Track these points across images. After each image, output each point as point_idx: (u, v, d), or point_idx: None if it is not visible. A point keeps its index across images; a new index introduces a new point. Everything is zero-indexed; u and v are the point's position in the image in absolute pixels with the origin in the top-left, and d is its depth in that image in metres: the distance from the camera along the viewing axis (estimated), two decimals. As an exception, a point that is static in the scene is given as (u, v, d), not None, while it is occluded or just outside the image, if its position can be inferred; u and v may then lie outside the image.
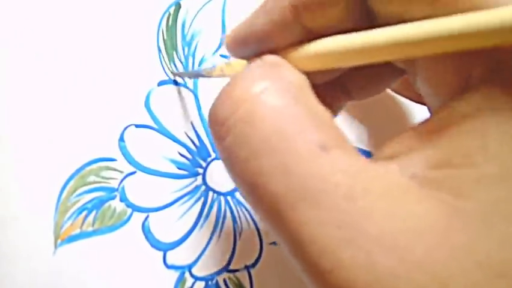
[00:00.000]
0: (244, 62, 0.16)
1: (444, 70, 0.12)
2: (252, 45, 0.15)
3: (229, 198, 0.24)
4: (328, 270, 0.10)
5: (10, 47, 0.22)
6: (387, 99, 0.27)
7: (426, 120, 0.12)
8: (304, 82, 0.13)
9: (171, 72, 0.23)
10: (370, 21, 0.14)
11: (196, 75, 0.21)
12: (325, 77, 0.17)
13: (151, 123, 0.23)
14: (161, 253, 0.23)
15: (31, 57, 0.22)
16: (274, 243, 0.24)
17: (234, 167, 0.12)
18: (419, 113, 0.26)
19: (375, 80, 0.19)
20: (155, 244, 0.23)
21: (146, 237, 0.23)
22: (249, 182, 0.12)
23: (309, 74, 0.14)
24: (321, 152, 0.11)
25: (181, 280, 0.24)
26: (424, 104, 0.20)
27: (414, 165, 0.11)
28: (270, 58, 0.14)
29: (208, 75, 0.19)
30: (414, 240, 0.10)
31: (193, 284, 0.24)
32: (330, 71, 0.15)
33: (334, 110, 0.20)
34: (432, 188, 0.11)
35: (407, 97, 0.21)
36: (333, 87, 0.19)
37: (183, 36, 0.23)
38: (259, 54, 0.14)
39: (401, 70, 0.17)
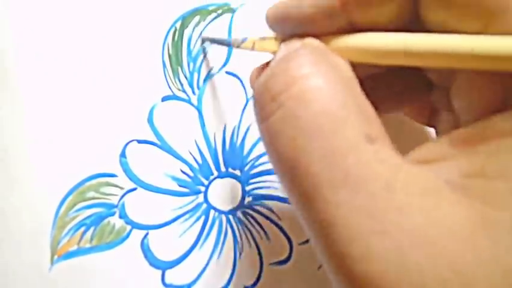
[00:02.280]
0: (277, 41, 0.16)
1: (484, 86, 0.13)
2: (293, 25, 0.15)
3: (230, 217, 0.24)
4: (356, 258, 0.10)
5: (10, 63, 0.22)
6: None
7: (460, 131, 0.13)
8: (351, 72, 0.13)
9: (202, 37, 0.23)
10: (415, 25, 0.14)
11: (226, 43, 0.21)
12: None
13: (154, 139, 0.23)
14: (160, 272, 0.23)
15: (34, 71, 0.22)
16: (274, 263, 0.24)
17: (278, 144, 0.12)
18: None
19: (400, 93, 0.18)
20: (154, 262, 0.23)
21: (145, 255, 0.23)
22: (292, 160, 0.12)
23: None
24: (367, 142, 0.11)
25: (179, 300, 0.23)
26: (432, 127, 0.20)
27: (448, 172, 0.12)
28: (314, 43, 0.14)
29: (237, 46, 0.19)
30: (445, 240, 0.10)
31: (191, 304, 0.23)
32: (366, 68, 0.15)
33: None
34: (465, 195, 0.11)
35: (415, 119, 0.21)
36: None
37: (189, 52, 0.23)
38: (299, 35, 0.14)
39: (427, 88, 0.17)
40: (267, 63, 0.18)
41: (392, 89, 0.18)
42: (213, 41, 0.23)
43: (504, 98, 0.12)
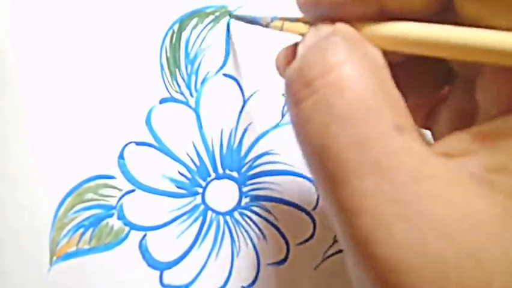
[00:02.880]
0: (306, 25, 0.16)
1: (509, 81, 0.13)
2: (323, 8, 0.15)
3: (228, 218, 0.24)
4: (379, 242, 0.11)
5: (10, 65, 0.22)
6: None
7: (482, 127, 0.13)
8: (383, 61, 0.13)
9: (231, 16, 0.23)
10: (448, 16, 0.14)
11: (254, 21, 0.21)
12: None
13: (152, 141, 0.23)
14: (158, 272, 0.23)
15: (33, 74, 0.22)
16: (271, 264, 0.24)
17: (309, 129, 0.12)
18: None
19: (422, 80, 0.19)
20: (152, 263, 0.23)
21: (143, 256, 0.23)
22: (322, 146, 0.12)
23: None
24: (397, 132, 0.12)
25: (177, 300, 0.23)
26: (428, 129, 0.20)
27: (473, 166, 0.12)
28: (347, 29, 0.14)
29: (265, 25, 0.19)
30: (469, 232, 0.10)
31: (189, 304, 0.24)
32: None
33: None
34: (490, 188, 0.11)
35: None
36: None
37: (186, 54, 0.23)
38: (329, 19, 0.15)
39: (444, 79, 0.17)
40: (294, 46, 0.17)
41: (409, 77, 0.18)
42: (241, 18, 0.22)
43: None
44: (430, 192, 0.11)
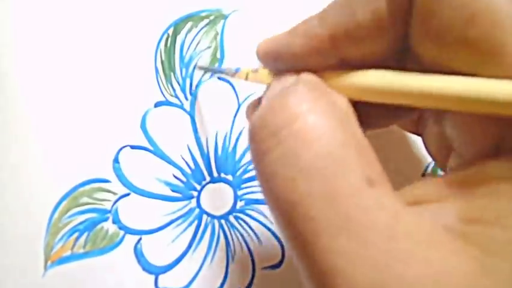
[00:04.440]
0: (270, 73, 0.16)
1: (477, 128, 0.13)
2: (285, 62, 0.15)
3: (223, 221, 0.24)
4: None
5: (7, 68, 0.22)
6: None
7: (456, 173, 0.13)
8: (350, 109, 0.13)
9: (197, 67, 0.23)
10: (408, 59, 0.14)
11: (220, 72, 0.21)
12: None
13: (147, 144, 0.23)
14: (153, 276, 0.23)
15: (29, 77, 0.22)
16: (266, 268, 0.24)
17: (276, 183, 0.12)
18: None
19: (393, 110, 0.18)
20: (147, 267, 0.23)
21: (138, 261, 0.23)
22: (290, 202, 0.11)
23: None
24: (368, 186, 0.11)
25: (172, 304, 0.23)
26: (419, 135, 0.20)
27: (446, 216, 0.11)
28: (311, 78, 0.14)
29: (230, 75, 0.19)
30: None
31: (185, 308, 0.23)
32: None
33: None
34: (465, 242, 0.11)
35: (403, 128, 0.21)
36: None
37: (181, 58, 0.23)
38: (293, 70, 0.14)
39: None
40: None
41: (385, 107, 0.18)
42: (207, 70, 0.23)
43: (497, 142, 0.12)
44: (405, 252, 0.10)
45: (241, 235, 0.24)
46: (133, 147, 0.23)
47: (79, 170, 0.22)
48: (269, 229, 0.24)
